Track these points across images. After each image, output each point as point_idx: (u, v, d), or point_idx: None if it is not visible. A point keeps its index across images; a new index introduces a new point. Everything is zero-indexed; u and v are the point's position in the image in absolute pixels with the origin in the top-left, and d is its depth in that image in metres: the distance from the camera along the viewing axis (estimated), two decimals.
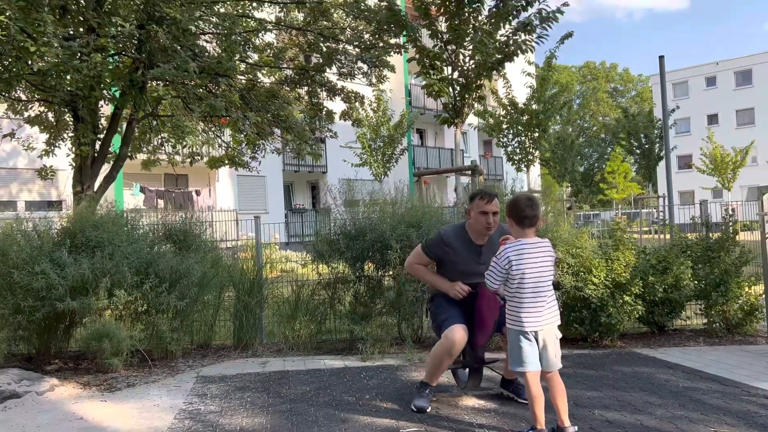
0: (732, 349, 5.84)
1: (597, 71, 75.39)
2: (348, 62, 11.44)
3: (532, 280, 3.35)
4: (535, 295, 3.35)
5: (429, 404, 4.09)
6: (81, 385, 5.00)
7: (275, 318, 6.74)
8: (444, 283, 4.14)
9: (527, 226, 3.41)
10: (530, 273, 3.35)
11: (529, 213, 3.40)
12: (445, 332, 3.92)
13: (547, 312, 3.37)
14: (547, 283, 3.38)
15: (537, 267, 3.36)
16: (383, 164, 22.21)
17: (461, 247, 4.09)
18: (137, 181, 19.87)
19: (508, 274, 3.37)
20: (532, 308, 3.35)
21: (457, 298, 4.03)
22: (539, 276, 3.36)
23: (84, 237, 5.60)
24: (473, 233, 4.09)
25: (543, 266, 3.38)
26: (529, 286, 3.35)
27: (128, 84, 8.18)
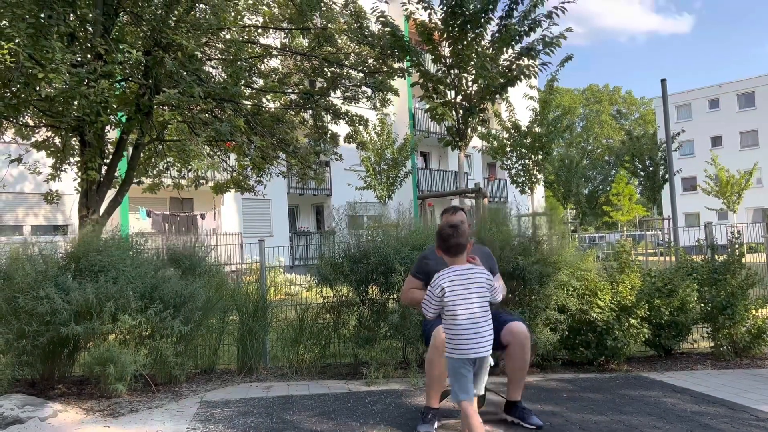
0: (740, 373, 5.78)
1: (600, 94, 75.79)
2: (352, 86, 11.58)
3: (465, 307, 3.37)
4: (470, 322, 3.36)
5: (433, 429, 4.06)
6: (84, 410, 4.98)
7: (279, 342, 6.71)
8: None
9: (455, 254, 3.48)
10: (462, 300, 3.37)
11: (453, 242, 3.48)
12: (433, 333, 4.05)
13: (484, 338, 3.38)
14: (481, 310, 3.39)
15: (469, 294, 3.39)
16: (387, 187, 22.27)
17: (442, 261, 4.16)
18: (143, 205, 19.97)
19: (442, 301, 3.40)
20: (468, 335, 3.35)
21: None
22: (471, 303, 3.37)
23: (88, 261, 5.62)
24: None
25: (475, 292, 3.40)
26: (462, 314, 3.36)
27: (135, 109, 8.28)
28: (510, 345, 4.17)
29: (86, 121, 7.74)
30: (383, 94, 11.69)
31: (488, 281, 3.46)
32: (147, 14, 8.18)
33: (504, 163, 23.09)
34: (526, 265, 5.79)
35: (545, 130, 21.61)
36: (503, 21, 10.27)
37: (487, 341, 3.38)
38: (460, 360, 3.37)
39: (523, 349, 4.17)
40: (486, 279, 3.46)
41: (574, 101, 67.93)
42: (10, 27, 6.71)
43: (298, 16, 10.73)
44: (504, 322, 4.22)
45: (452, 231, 3.51)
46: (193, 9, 8.73)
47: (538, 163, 22.06)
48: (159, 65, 7.84)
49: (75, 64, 7.19)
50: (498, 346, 4.23)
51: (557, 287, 6.01)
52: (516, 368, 4.23)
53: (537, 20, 10.13)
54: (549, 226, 6.85)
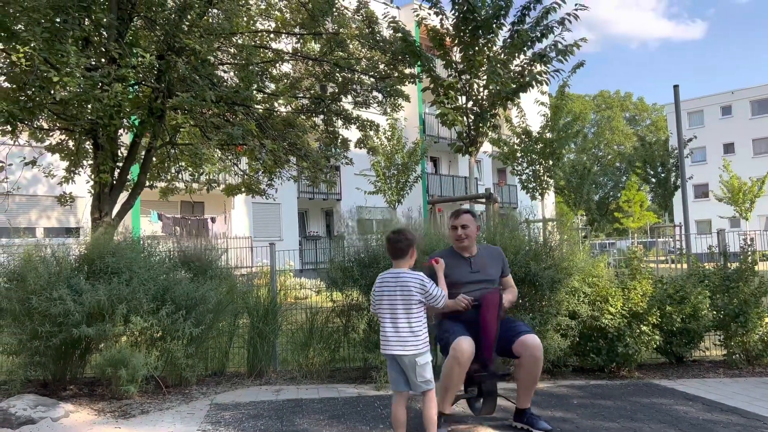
0: (753, 381, 5.73)
1: (611, 100, 75.50)
2: (363, 91, 11.60)
3: (388, 307, 3.67)
4: (392, 322, 3.64)
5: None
6: (96, 411, 5.01)
7: (289, 345, 6.73)
8: (450, 302, 4.21)
9: (393, 257, 3.80)
10: (386, 300, 3.68)
11: (390, 246, 3.81)
12: (452, 344, 4.01)
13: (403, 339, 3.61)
14: (403, 312, 3.64)
15: (392, 295, 3.67)
16: (397, 192, 22.28)
17: (451, 260, 4.35)
18: (154, 208, 20.09)
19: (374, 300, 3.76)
20: (389, 333, 3.64)
21: (461, 308, 4.14)
22: (394, 304, 3.66)
23: (102, 263, 5.66)
24: (458, 249, 4.46)
25: (399, 295, 3.66)
26: (385, 312, 3.67)
27: (147, 113, 8.34)
28: (522, 357, 4.12)
29: (100, 124, 7.80)
30: (394, 100, 11.71)
31: (419, 287, 3.65)
32: (160, 19, 8.25)
33: (514, 168, 23.04)
34: (538, 271, 5.77)
35: (556, 136, 21.55)
36: (515, 27, 10.26)
37: (406, 343, 3.60)
38: (385, 355, 3.70)
39: (536, 363, 4.11)
40: (417, 284, 3.66)
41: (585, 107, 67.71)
42: (26, 31, 6.79)
43: (310, 21, 10.78)
44: (518, 333, 4.16)
45: (394, 236, 3.80)
46: (206, 14, 8.80)
47: (549, 168, 21.99)
48: (172, 69, 7.90)
49: (89, 68, 7.27)
50: (508, 354, 4.21)
51: (568, 293, 5.99)
52: (527, 379, 4.20)
53: (549, 26, 10.11)
54: (560, 231, 6.83)
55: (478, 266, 4.35)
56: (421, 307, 3.68)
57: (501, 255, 4.58)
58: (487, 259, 4.42)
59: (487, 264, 4.39)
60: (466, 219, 4.41)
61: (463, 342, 3.96)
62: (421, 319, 3.68)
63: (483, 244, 4.62)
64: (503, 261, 4.55)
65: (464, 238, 4.38)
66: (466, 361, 3.95)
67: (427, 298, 3.66)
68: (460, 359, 3.93)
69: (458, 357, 3.94)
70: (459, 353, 3.93)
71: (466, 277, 4.29)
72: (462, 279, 4.26)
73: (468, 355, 3.94)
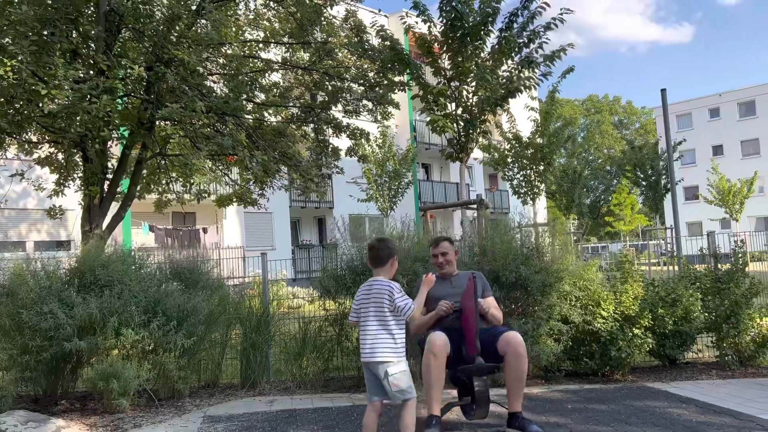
0: (745, 382, 5.75)
1: (600, 104, 75.93)
2: (353, 100, 11.61)
3: (363, 315, 3.73)
4: (364, 329, 3.71)
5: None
6: (87, 426, 4.96)
7: (282, 355, 6.70)
8: (432, 312, 4.48)
9: (372, 265, 3.85)
10: (361, 308, 3.75)
11: (371, 255, 3.89)
12: (427, 339, 4.19)
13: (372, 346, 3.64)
14: (374, 319, 3.67)
15: (367, 304, 3.72)
16: (389, 199, 22.29)
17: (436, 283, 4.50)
18: (145, 219, 20.01)
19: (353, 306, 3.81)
20: (362, 341, 3.70)
21: (443, 312, 4.35)
22: (368, 312, 3.70)
23: (92, 276, 5.63)
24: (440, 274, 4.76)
25: (372, 303, 3.70)
26: (361, 320, 3.74)
27: (137, 124, 8.31)
28: (507, 355, 4.22)
29: (88, 136, 7.78)
30: (384, 107, 11.73)
31: (388, 295, 3.66)
32: (149, 30, 8.23)
33: (506, 174, 23.11)
34: (529, 275, 5.78)
35: (547, 141, 21.64)
36: (503, 33, 10.32)
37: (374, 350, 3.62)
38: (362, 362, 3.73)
39: (519, 357, 4.20)
40: (387, 293, 3.67)
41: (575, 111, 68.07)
42: (13, 44, 6.77)
43: (299, 31, 10.80)
44: (500, 333, 4.32)
45: (377, 244, 3.88)
46: (195, 24, 8.79)
47: (540, 173, 22.06)
48: (161, 80, 7.88)
49: (77, 81, 7.24)
50: (494, 357, 4.24)
51: (560, 297, 6.00)
52: (514, 378, 4.24)
53: (536, 31, 10.17)
54: (551, 236, 6.85)
55: (457, 283, 4.63)
56: (394, 316, 3.68)
57: (481, 276, 4.81)
58: (464, 278, 4.62)
59: (463, 283, 4.58)
60: (445, 247, 4.76)
61: (434, 336, 4.18)
62: (393, 328, 3.67)
63: (464, 270, 4.97)
64: (483, 282, 4.73)
65: (445, 265, 4.74)
66: (439, 350, 4.10)
67: (394, 308, 3.66)
68: (433, 349, 4.09)
69: (431, 349, 4.10)
70: (431, 345, 4.12)
71: (446, 292, 4.55)
72: (442, 294, 4.50)
73: (440, 344, 4.11)
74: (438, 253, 4.76)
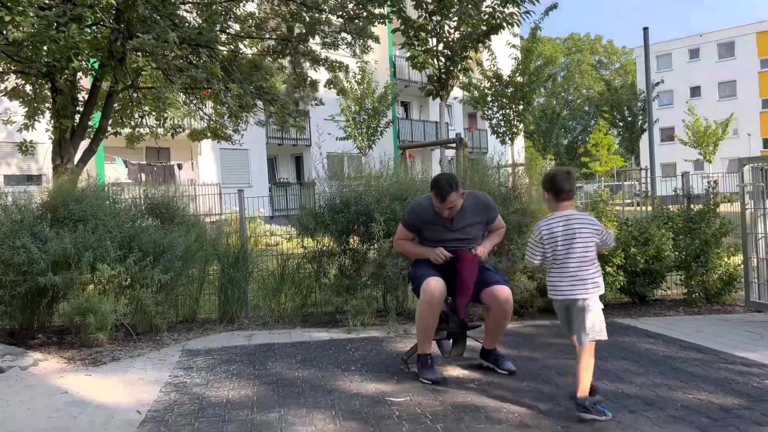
0: (711, 318, 5.95)
1: (581, 43, 75.14)
2: (331, 32, 11.31)
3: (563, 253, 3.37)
4: (560, 267, 3.39)
5: (438, 374, 4.09)
6: (65, 359, 4.99)
7: (261, 292, 6.74)
8: (426, 250, 4.21)
9: (563, 199, 3.43)
10: (562, 245, 3.37)
11: (566, 187, 3.42)
12: (422, 286, 4.00)
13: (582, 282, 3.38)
14: (580, 255, 3.36)
15: (569, 239, 3.37)
16: (368, 137, 22.09)
17: (432, 217, 4.17)
18: (118, 154, 19.64)
19: (544, 247, 3.41)
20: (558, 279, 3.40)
21: (438, 262, 4.09)
22: (572, 248, 3.36)
23: (66, 211, 5.54)
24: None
25: (578, 238, 3.36)
26: (561, 258, 3.38)
27: (107, 55, 8.03)
28: (492, 308, 4.14)
29: (57, 67, 7.50)
30: (363, 41, 11.46)
31: (593, 227, 3.41)
32: None
33: (485, 113, 22.95)
34: (506, 215, 5.82)
35: (527, 80, 21.43)
36: None
37: (584, 285, 3.37)
38: (557, 301, 3.46)
39: (504, 312, 4.13)
40: (591, 225, 3.41)
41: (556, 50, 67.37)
42: None
43: None
44: (489, 283, 4.11)
45: (567, 177, 3.43)
46: None
47: (519, 113, 21.95)
48: (131, 9, 7.58)
49: (43, 7, 6.92)
50: (477, 300, 4.24)
51: None
52: (495, 327, 4.25)
53: None
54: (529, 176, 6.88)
55: (458, 225, 4.14)
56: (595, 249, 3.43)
57: (487, 206, 4.28)
58: (470, 216, 4.18)
59: (468, 222, 4.17)
60: (452, 199, 4.03)
61: (432, 282, 3.97)
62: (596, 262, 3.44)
63: (471, 192, 4.33)
64: (489, 211, 4.29)
65: (452, 214, 4.12)
66: (437, 301, 3.97)
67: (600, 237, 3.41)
68: (430, 299, 3.96)
69: (428, 299, 3.97)
70: (429, 294, 3.96)
71: (444, 235, 4.15)
72: (440, 237, 4.15)
73: (438, 295, 3.96)
74: (445, 207, 4.05)
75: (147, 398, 3.94)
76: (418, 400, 3.68)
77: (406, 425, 3.27)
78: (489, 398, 3.70)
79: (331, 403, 3.69)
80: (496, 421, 3.28)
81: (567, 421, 3.25)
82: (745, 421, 3.18)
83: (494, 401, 3.63)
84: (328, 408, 3.59)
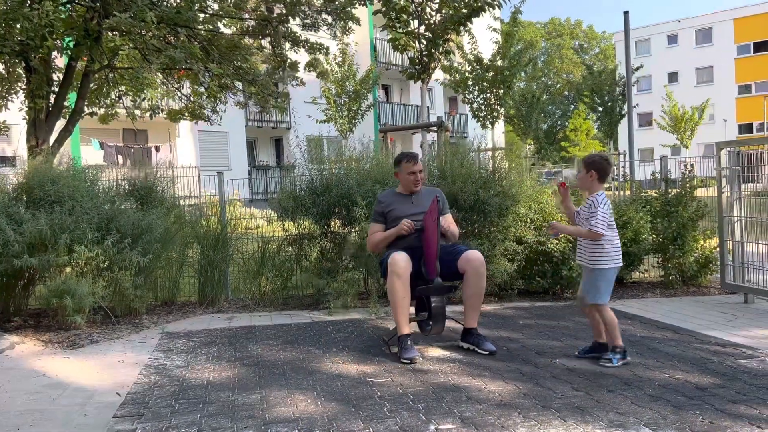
0: (687, 300, 6.05)
1: (562, 28, 75.30)
2: (312, 13, 11.17)
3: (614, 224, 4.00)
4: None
5: (416, 352, 4.13)
6: (42, 342, 4.93)
7: (241, 274, 6.71)
8: (393, 230, 4.49)
9: (604, 181, 4.00)
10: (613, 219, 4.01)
11: (610, 170, 4.05)
12: (388, 261, 4.25)
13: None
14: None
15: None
16: (349, 120, 21.99)
17: (396, 200, 4.64)
18: (95, 136, 19.34)
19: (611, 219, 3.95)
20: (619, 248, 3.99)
21: (405, 231, 4.36)
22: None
23: (42, 192, 5.45)
24: (404, 190, 4.68)
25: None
26: (614, 229, 3.98)
27: (83, 34, 7.86)
28: (466, 273, 4.30)
29: (31, 45, 7.33)
30: (344, 22, 11.34)
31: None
32: None
33: (466, 97, 22.94)
34: (487, 198, 5.86)
35: (507, 64, 21.45)
36: None
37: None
38: (615, 269, 3.97)
39: (479, 276, 4.30)
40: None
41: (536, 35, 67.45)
42: None
43: None
44: (460, 251, 4.38)
45: (611, 162, 4.06)
46: None
47: (500, 97, 21.98)
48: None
49: None
50: (454, 275, 4.33)
51: (516, 219, 6.13)
52: (472, 294, 4.34)
53: None
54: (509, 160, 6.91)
55: (418, 203, 4.57)
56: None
57: (436, 190, 4.76)
58: (425, 196, 4.59)
59: (424, 201, 4.54)
60: (421, 165, 4.65)
61: (396, 255, 4.22)
62: None
63: (425, 186, 4.89)
64: (443, 200, 4.69)
65: (419, 183, 4.63)
66: (403, 270, 4.16)
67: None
68: (397, 270, 4.15)
69: (394, 269, 4.15)
70: (394, 265, 4.16)
71: (407, 210, 4.52)
72: (403, 213, 4.50)
73: (403, 264, 4.16)
74: (416, 170, 4.58)
75: (127, 380, 3.91)
76: (400, 381, 3.70)
77: (387, 405, 3.29)
78: (470, 378, 3.73)
79: (312, 384, 3.70)
80: (477, 401, 3.32)
81: (547, 401, 3.30)
82: (719, 399, 3.25)
83: (475, 381, 3.67)
84: (310, 389, 3.60)
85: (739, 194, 5.88)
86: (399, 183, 4.74)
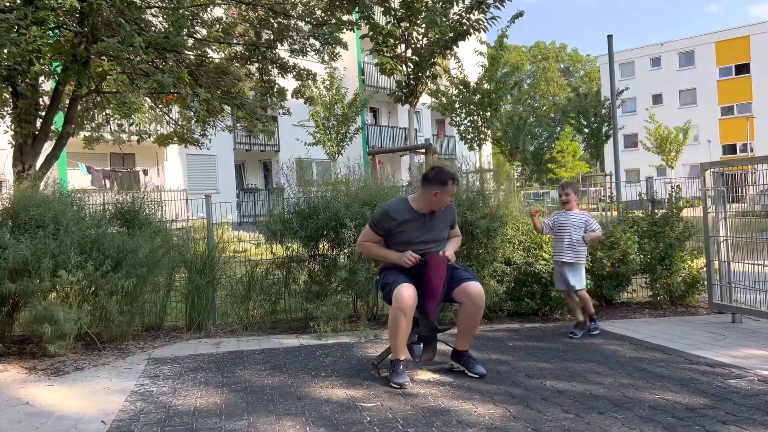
0: (675, 320, 6.07)
1: (547, 51, 76.34)
2: (300, 39, 11.25)
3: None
4: None
5: (407, 378, 4.07)
6: (26, 369, 4.85)
7: (228, 298, 6.65)
8: (393, 255, 4.20)
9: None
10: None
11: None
12: (394, 294, 3.99)
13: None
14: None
15: None
16: (337, 143, 22.05)
17: (408, 218, 4.19)
18: (82, 160, 19.25)
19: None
20: None
21: (407, 266, 4.10)
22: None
23: (27, 216, 5.39)
24: (421, 206, 4.21)
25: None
26: None
27: (71, 59, 7.85)
28: (464, 304, 4.17)
29: (18, 70, 7.32)
30: (332, 47, 11.42)
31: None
32: None
33: (453, 119, 23.12)
34: (474, 220, 5.88)
35: (494, 87, 21.68)
36: None
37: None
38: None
39: (477, 309, 4.17)
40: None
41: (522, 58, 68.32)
42: None
43: None
44: (461, 280, 4.16)
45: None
46: None
47: (487, 120, 22.16)
48: (95, 13, 7.43)
49: (4, 10, 6.76)
50: (449, 299, 4.26)
51: (504, 241, 6.14)
52: (467, 324, 4.26)
53: None
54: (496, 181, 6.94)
55: (431, 227, 4.23)
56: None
57: (453, 209, 4.42)
58: (440, 217, 4.28)
59: (438, 224, 4.27)
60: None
61: (404, 289, 3.96)
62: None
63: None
64: (454, 215, 4.44)
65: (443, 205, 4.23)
66: (409, 308, 3.97)
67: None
68: (403, 308, 3.95)
69: (400, 305, 3.96)
70: (401, 302, 3.95)
71: (418, 236, 4.19)
72: (413, 238, 4.19)
73: (410, 303, 3.96)
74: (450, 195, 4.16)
75: (112, 408, 3.85)
76: (390, 405, 3.67)
77: (377, 430, 3.25)
78: (460, 401, 3.70)
79: (301, 409, 3.65)
80: (468, 424, 3.29)
81: (537, 424, 3.27)
82: (710, 420, 3.24)
83: (465, 404, 3.64)
84: (299, 414, 3.55)
85: (724, 214, 5.93)
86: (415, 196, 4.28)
